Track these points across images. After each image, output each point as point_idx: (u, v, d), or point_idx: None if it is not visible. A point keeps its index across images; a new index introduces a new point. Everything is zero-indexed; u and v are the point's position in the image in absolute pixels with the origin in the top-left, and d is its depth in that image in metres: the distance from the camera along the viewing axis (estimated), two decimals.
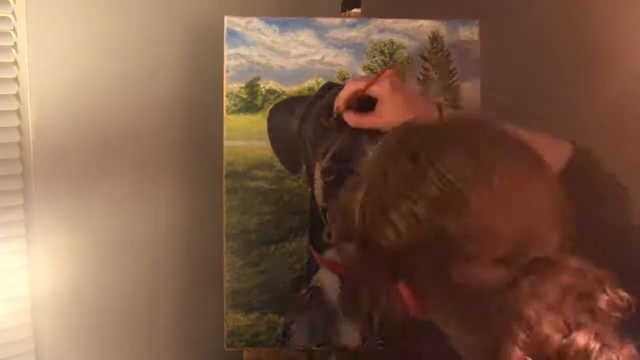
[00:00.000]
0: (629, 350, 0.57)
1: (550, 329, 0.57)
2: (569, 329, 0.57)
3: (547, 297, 0.58)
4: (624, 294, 0.58)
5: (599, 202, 0.78)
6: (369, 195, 0.68)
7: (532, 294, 0.58)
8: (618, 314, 0.58)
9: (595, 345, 0.57)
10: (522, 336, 0.57)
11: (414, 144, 0.66)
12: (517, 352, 0.57)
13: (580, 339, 0.57)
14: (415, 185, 0.63)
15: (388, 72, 0.94)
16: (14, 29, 1.06)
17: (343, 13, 1.15)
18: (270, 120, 1.10)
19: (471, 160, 0.63)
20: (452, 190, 0.61)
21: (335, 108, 1.00)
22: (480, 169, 0.62)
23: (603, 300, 0.58)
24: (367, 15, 1.13)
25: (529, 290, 0.58)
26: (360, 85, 0.95)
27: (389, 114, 0.92)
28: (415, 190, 0.63)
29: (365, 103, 0.96)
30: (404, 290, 0.67)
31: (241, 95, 1.09)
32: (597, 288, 0.59)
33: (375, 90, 0.93)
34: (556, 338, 0.57)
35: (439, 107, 0.93)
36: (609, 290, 0.58)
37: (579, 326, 0.57)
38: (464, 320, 0.65)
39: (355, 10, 1.14)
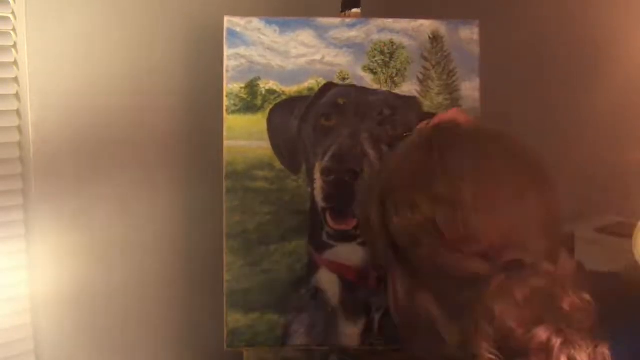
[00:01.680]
0: (601, 349, 0.60)
1: (515, 324, 0.60)
2: (533, 324, 0.60)
3: (515, 296, 0.61)
4: (586, 296, 0.62)
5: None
6: (383, 175, 0.75)
7: (500, 292, 0.62)
8: (581, 316, 0.61)
9: (557, 341, 0.59)
10: (487, 329, 0.60)
11: (435, 141, 0.72)
12: (483, 344, 0.60)
13: (542, 333, 0.60)
14: (423, 176, 0.69)
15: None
16: (14, 29, 1.06)
17: (343, 13, 1.15)
18: (270, 120, 1.10)
19: (478, 167, 0.69)
20: (452, 188, 0.66)
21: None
22: (484, 176, 0.68)
23: (566, 301, 0.61)
24: (367, 15, 1.13)
25: (497, 288, 0.62)
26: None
27: None
28: (422, 181, 0.69)
29: None
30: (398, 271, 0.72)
31: (241, 95, 1.09)
32: (561, 290, 0.62)
33: None
34: (519, 332, 0.60)
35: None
36: (571, 292, 0.62)
37: (540, 321, 0.60)
38: (444, 306, 0.69)
39: (355, 10, 1.14)
